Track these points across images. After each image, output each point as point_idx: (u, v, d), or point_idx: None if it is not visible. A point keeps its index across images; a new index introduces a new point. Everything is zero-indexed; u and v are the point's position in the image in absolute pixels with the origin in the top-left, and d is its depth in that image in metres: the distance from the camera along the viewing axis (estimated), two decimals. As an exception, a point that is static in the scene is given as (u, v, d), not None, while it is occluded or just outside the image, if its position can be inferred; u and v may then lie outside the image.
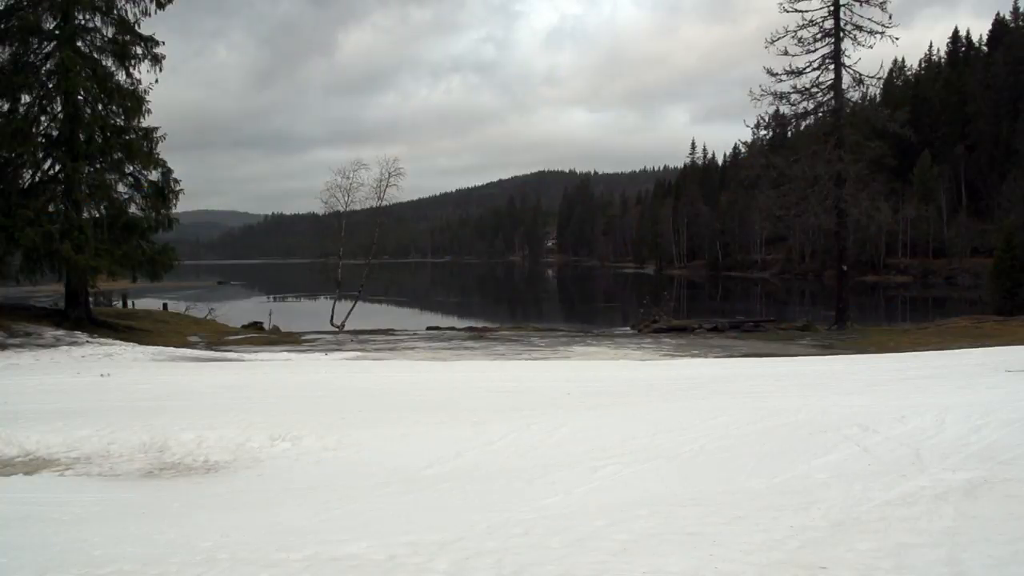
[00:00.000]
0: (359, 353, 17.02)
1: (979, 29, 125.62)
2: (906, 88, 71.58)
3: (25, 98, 19.89)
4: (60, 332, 18.49)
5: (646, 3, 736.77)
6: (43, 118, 20.11)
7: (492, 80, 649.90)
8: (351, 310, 27.02)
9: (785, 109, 26.46)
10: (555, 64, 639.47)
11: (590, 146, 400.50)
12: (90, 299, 23.01)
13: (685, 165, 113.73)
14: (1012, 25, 69.62)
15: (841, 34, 24.79)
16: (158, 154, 21.10)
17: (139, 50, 20.74)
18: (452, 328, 25.97)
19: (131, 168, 21.00)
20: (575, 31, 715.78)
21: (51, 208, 19.90)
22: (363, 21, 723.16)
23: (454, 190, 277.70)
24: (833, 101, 25.16)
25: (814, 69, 25.17)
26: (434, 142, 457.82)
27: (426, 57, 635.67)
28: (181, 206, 22.37)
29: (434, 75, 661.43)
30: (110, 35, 20.52)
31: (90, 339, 18.20)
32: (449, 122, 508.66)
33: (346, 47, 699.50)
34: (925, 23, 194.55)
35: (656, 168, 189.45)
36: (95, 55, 20.37)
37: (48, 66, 19.95)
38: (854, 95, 25.69)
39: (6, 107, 19.81)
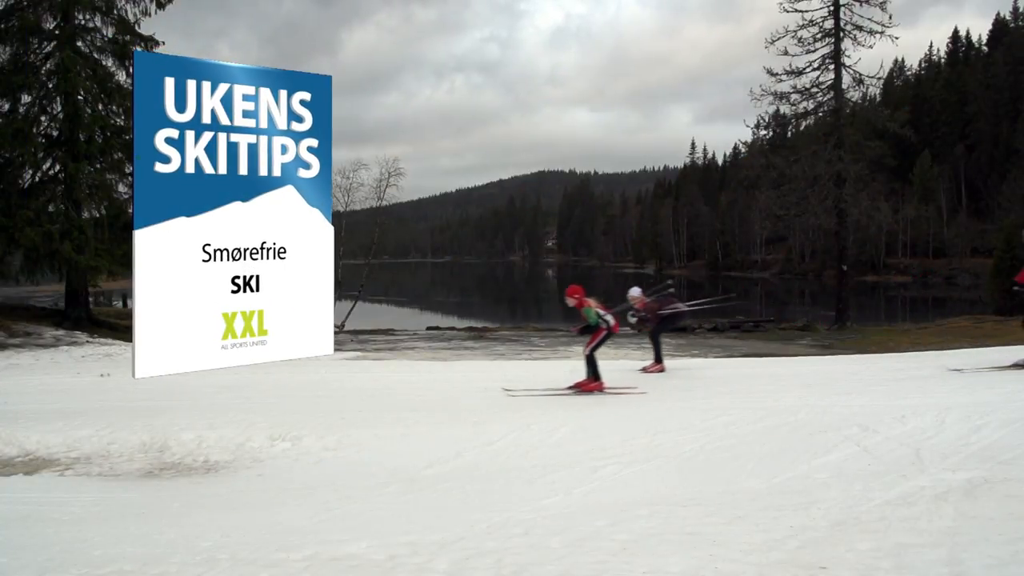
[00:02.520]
0: (359, 353, 17.01)
1: (979, 29, 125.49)
2: (906, 88, 71.60)
3: (25, 98, 19.89)
4: (60, 332, 18.49)
5: (650, 2, 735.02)
6: (43, 118, 20.09)
7: (495, 80, 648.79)
8: (351, 310, 27.02)
9: (785, 109, 26.56)
10: (558, 64, 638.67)
11: (591, 146, 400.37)
12: (90, 299, 23.02)
13: (685, 165, 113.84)
14: (1012, 25, 69.65)
15: (841, 34, 24.84)
16: (158, 154, 21.13)
17: (139, 50, 20.79)
18: (452, 328, 25.96)
19: (131, 168, 21.03)
20: (579, 31, 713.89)
21: (51, 208, 19.89)
22: (367, 20, 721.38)
23: (454, 190, 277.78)
24: (833, 101, 25.20)
25: (814, 69, 25.24)
26: (436, 142, 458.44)
27: (429, 56, 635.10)
28: (181, 206, 22.40)
29: (437, 74, 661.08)
30: (110, 35, 20.53)
31: (90, 339, 18.20)
32: (452, 122, 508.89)
33: (349, 46, 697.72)
34: (930, 23, 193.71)
35: (656, 168, 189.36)
36: (95, 55, 20.38)
37: (48, 66, 19.95)
38: (854, 95, 25.76)
39: (6, 107, 19.81)
